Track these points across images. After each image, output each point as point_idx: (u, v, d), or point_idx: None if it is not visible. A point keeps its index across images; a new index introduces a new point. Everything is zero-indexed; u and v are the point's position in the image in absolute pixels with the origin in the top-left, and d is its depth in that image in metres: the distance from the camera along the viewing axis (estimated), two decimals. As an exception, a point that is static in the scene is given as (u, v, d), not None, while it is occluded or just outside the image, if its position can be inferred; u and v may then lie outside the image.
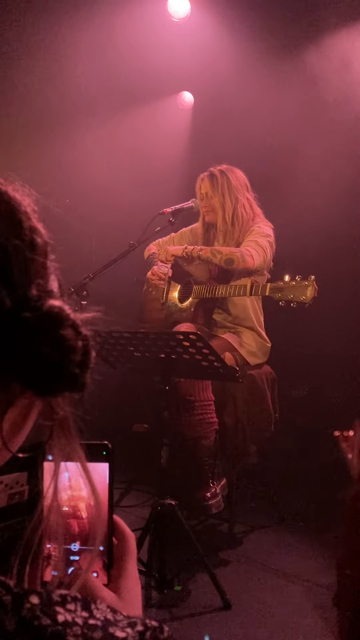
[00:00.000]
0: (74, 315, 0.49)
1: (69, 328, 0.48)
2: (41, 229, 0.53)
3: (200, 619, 2.20)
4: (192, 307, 3.04)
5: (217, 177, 3.02)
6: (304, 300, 2.50)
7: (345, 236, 3.61)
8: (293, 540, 2.89)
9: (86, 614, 0.45)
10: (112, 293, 3.51)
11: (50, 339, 0.47)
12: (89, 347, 0.50)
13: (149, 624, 0.47)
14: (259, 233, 2.96)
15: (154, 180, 4.05)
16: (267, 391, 2.94)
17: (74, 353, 0.48)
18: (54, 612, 0.43)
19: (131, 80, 4.11)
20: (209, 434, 2.71)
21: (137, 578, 0.68)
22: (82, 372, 0.49)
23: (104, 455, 0.68)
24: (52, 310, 0.48)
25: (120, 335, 2.28)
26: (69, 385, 0.49)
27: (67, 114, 4.10)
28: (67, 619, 0.43)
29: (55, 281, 0.53)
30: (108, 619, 0.45)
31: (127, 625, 0.45)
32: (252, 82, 3.96)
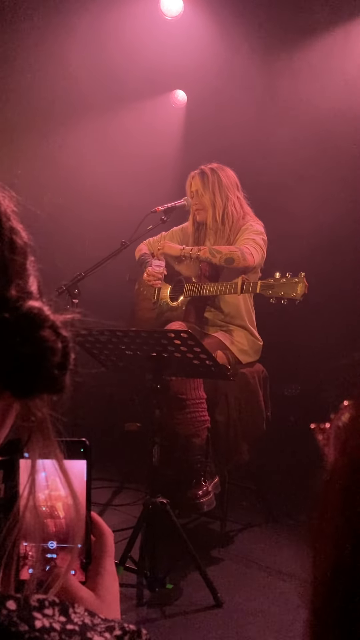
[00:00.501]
0: (54, 316, 0.49)
1: (48, 329, 0.47)
2: (21, 230, 0.52)
3: (192, 617, 2.20)
4: (183, 306, 3.04)
5: (208, 175, 3.02)
6: (295, 296, 2.52)
7: (336, 234, 3.62)
8: (284, 538, 2.89)
9: (64, 618, 0.44)
10: (104, 291, 3.51)
11: (29, 339, 0.47)
12: (69, 349, 0.49)
13: (127, 627, 0.46)
14: (252, 231, 2.96)
15: (147, 179, 4.05)
16: (259, 389, 2.95)
17: (53, 354, 0.48)
18: (31, 618, 0.42)
19: (124, 78, 4.10)
20: (200, 433, 2.71)
21: (115, 575, 0.68)
22: (61, 373, 0.49)
23: (82, 452, 0.68)
24: (32, 311, 0.47)
25: (111, 333, 2.28)
26: (47, 387, 0.49)
27: (59, 113, 4.09)
28: (44, 625, 0.42)
29: (35, 283, 0.52)
30: (86, 623, 0.45)
31: (105, 629, 0.45)
32: (245, 81, 3.97)
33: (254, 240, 2.90)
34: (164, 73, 4.18)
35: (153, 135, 4.34)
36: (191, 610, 2.24)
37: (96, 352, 2.41)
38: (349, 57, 3.76)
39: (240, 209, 3.04)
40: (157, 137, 4.36)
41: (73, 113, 4.13)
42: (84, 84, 4.05)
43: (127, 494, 3.35)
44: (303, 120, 3.80)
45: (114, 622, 0.46)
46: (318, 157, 3.68)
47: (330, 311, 3.60)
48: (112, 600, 0.65)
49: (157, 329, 2.90)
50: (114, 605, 0.65)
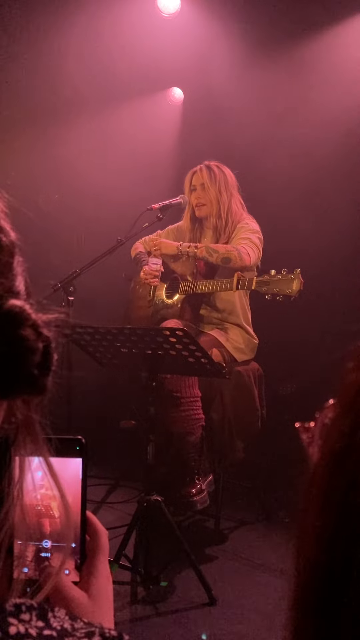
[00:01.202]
0: (36, 315, 0.48)
1: (28, 328, 0.46)
2: (7, 229, 0.51)
3: (186, 614, 2.21)
4: (179, 304, 3.04)
5: (214, 170, 3.01)
6: (290, 293, 2.52)
7: (333, 230, 3.62)
8: (278, 536, 2.90)
9: (42, 623, 0.43)
10: (99, 289, 3.50)
11: (8, 338, 0.46)
12: (50, 349, 0.48)
13: (108, 634, 0.45)
14: (249, 230, 2.95)
15: (143, 176, 4.04)
16: (254, 388, 2.95)
17: (33, 354, 0.46)
18: (6, 624, 0.41)
19: (120, 75, 4.09)
20: (195, 430, 2.71)
21: (109, 576, 0.67)
22: (42, 374, 0.47)
23: (77, 450, 0.67)
24: (13, 310, 0.46)
25: (107, 331, 2.28)
26: (27, 388, 0.48)
27: (56, 109, 4.08)
28: (19, 631, 0.41)
29: (22, 283, 0.52)
30: (65, 628, 0.44)
31: (84, 635, 0.44)
32: (243, 79, 3.96)
33: (250, 240, 2.89)
34: (161, 70, 4.17)
35: (149, 133, 4.33)
36: (185, 607, 2.25)
37: (91, 350, 2.41)
38: (348, 54, 3.76)
39: (240, 209, 3.04)
40: (153, 134, 4.35)
41: (69, 110, 4.11)
42: (80, 81, 4.04)
43: (121, 492, 3.35)
44: (300, 118, 3.80)
45: (95, 628, 0.45)
46: (315, 154, 3.67)
47: (326, 309, 3.60)
48: (105, 601, 0.65)
49: (152, 326, 2.90)
50: (107, 606, 0.65)
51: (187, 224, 3.16)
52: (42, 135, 4.03)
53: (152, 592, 2.32)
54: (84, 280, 2.83)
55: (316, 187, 3.66)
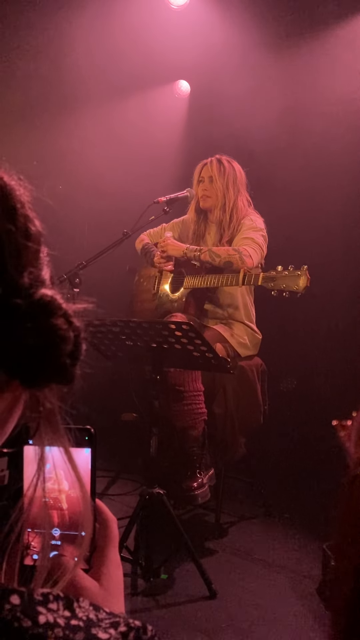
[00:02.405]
0: (67, 305, 0.48)
1: (60, 318, 0.47)
2: (34, 218, 0.52)
3: (186, 607, 2.21)
4: (183, 298, 3.03)
5: (225, 165, 3.00)
6: (297, 289, 2.51)
7: (340, 227, 3.62)
8: (278, 531, 2.91)
9: (68, 613, 0.43)
10: (104, 281, 3.49)
11: (41, 327, 0.46)
12: (81, 339, 0.49)
13: (132, 624, 0.45)
14: (251, 227, 2.94)
15: (149, 169, 4.03)
16: (257, 383, 2.95)
17: (65, 343, 0.47)
18: (35, 613, 0.42)
19: (128, 67, 4.07)
20: (197, 425, 2.71)
21: (119, 564, 0.67)
22: (72, 363, 0.48)
23: (87, 440, 0.68)
24: (44, 299, 0.47)
25: (112, 324, 2.28)
26: (57, 377, 0.48)
27: (62, 101, 4.06)
28: (48, 620, 0.42)
29: (47, 272, 0.52)
30: (90, 618, 0.44)
31: (109, 625, 0.44)
32: (250, 72, 3.94)
33: (253, 240, 2.87)
34: (168, 63, 4.15)
35: (155, 126, 4.31)
36: (185, 600, 2.26)
37: (96, 342, 2.41)
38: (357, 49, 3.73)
39: (246, 206, 3.02)
40: (159, 127, 4.33)
41: (76, 101, 4.10)
42: (87, 72, 4.03)
43: (122, 484, 3.36)
44: (308, 113, 3.78)
45: (119, 618, 0.45)
46: (323, 148, 3.66)
47: (330, 306, 3.60)
48: (116, 589, 0.65)
49: (158, 320, 2.90)
50: (118, 594, 0.65)
51: (192, 215, 3.14)
52: (47, 125, 4.02)
53: (152, 584, 2.33)
54: (88, 272, 2.83)
55: (324, 182, 3.65)
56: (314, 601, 2.27)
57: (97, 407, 4.05)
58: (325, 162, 3.65)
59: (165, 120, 4.43)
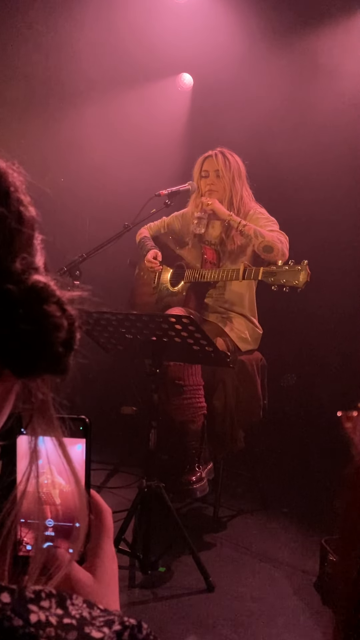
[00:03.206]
0: (60, 292, 0.47)
1: (54, 305, 0.45)
2: (28, 204, 0.50)
3: (183, 600, 2.22)
4: (183, 291, 3.02)
5: (229, 158, 2.96)
6: (297, 284, 2.50)
7: (341, 221, 3.61)
8: (277, 525, 2.91)
9: (61, 611, 0.42)
10: (105, 274, 3.49)
11: (34, 314, 0.44)
12: (75, 327, 0.47)
13: (127, 622, 0.44)
14: (267, 219, 2.88)
15: (151, 162, 4.01)
16: (256, 377, 2.95)
17: (58, 330, 0.45)
18: (26, 612, 0.40)
19: (131, 60, 4.04)
20: (196, 419, 2.71)
21: (114, 556, 0.66)
22: (66, 352, 0.46)
23: (81, 430, 0.66)
24: (37, 285, 0.45)
25: (112, 316, 2.27)
26: (50, 366, 0.46)
27: (65, 93, 4.04)
28: (40, 619, 0.40)
29: (42, 259, 0.50)
30: (84, 616, 0.43)
31: (103, 623, 0.43)
32: (253, 65, 3.92)
33: (281, 233, 2.82)
34: (171, 56, 4.13)
35: (158, 119, 4.29)
36: (183, 593, 2.26)
37: (96, 335, 2.41)
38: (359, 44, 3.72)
39: (249, 199, 3.00)
40: (162, 120, 4.31)
41: (78, 93, 4.08)
42: (89, 65, 4.00)
43: (121, 477, 3.36)
44: (311, 107, 3.76)
45: (113, 616, 0.44)
46: (325, 143, 3.64)
47: (332, 301, 3.59)
48: (110, 581, 0.64)
49: (158, 313, 2.89)
50: (113, 587, 0.64)
51: (194, 209, 3.08)
52: (50, 119, 4.00)
53: (150, 577, 2.33)
54: (89, 265, 2.82)
55: (326, 176, 3.63)
56: (312, 595, 2.28)
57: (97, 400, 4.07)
58: (328, 156, 3.63)
59: (168, 113, 4.40)
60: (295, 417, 3.66)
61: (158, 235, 3.28)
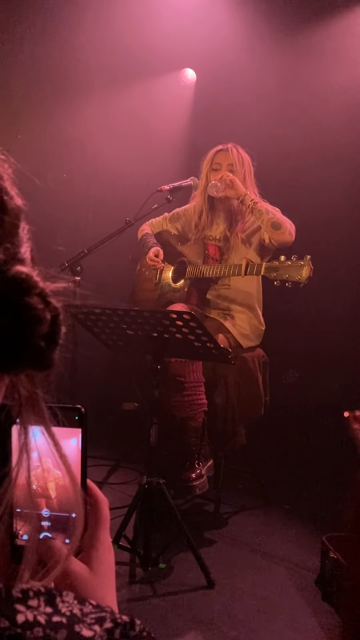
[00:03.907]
0: (44, 284, 0.44)
1: (35, 296, 0.43)
2: (14, 194, 0.48)
3: (184, 596, 2.22)
4: (185, 287, 3.01)
5: (242, 154, 2.94)
6: (299, 280, 2.49)
7: (343, 216, 3.59)
8: (278, 522, 2.91)
9: (50, 609, 0.41)
10: (106, 269, 3.48)
11: (14, 306, 0.42)
12: (59, 321, 0.45)
13: (119, 619, 0.43)
14: (274, 209, 2.88)
15: (153, 157, 4.00)
16: (258, 374, 2.94)
17: (40, 324, 0.43)
18: (13, 612, 0.39)
19: (133, 55, 4.03)
20: (197, 415, 2.71)
21: (110, 546, 0.65)
22: (49, 347, 0.44)
23: (77, 420, 0.65)
24: (19, 276, 0.43)
25: (113, 312, 2.27)
26: (32, 361, 0.44)
27: (67, 88, 4.03)
28: (27, 619, 0.39)
29: (28, 250, 0.49)
30: (74, 614, 0.42)
31: (94, 621, 0.42)
32: (257, 61, 3.90)
33: (288, 222, 2.81)
34: (174, 51, 4.11)
35: (161, 114, 4.28)
36: (183, 590, 2.26)
37: (97, 331, 2.40)
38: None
39: (257, 195, 2.97)
40: (164, 115, 4.30)
41: (81, 89, 4.07)
42: (93, 60, 3.99)
43: (122, 473, 3.36)
44: (316, 101, 3.75)
45: (105, 612, 0.43)
46: (329, 138, 3.62)
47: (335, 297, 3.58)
48: (107, 572, 0.63)
49: (159, 309, 2.88)
50: (109, 578, 0.63)
51: (204, 204, 3.03)
52: (53, 114, 3.99)
53: (150, 573, 2.33)
54: (91, 260, 2.81)
55: (329, 171, 3.62)
56: (312, 592, 2.27)
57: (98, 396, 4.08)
58: (331, 151, 3.62)
59: (171, 108, 4.39)
60: (297, 414, 3.65)
61: (159, 231, 3.27)
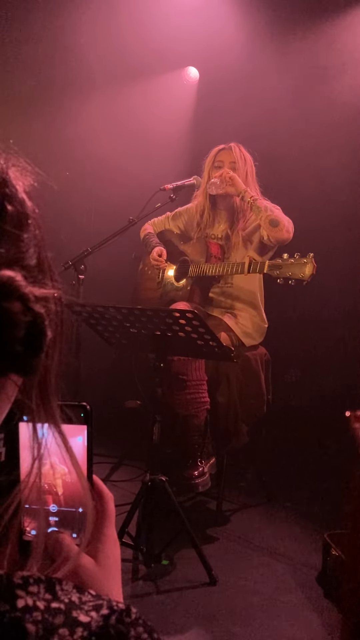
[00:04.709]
0: (29, 288, 0.44)
1: (16, 301, 0.43)
2: (22, 199, 0.48)
3: (186, 593, 2.23)
4: (188, 286, 3.02)
5: (244, 153, 2.95)
6: (303, 277, 2.50)
7: (346, 214, 3.59)
8: (280, 519, 2.92)
9: (49, 596, 0.42)
10: (110, 268, 3.49)
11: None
12: (41, 326, 0.44)
13: (116, 606, 0.44)
14: (275, 207, 2.89)
15: (156, 156, 4.00)
16: (261, 372, 2.95)
17: (14, 328, 0.42)
18: (13, 597, 0.40)
19: (136, 53, 4.02)
20: (199, 414, 2.72)
21: (116, 540, 0.66)
22: (28, 352, 0.44)
23: (82, 417, 0.66)
24: (0, 280, 0.42)
25: (116, 310, 2.28)
26: (11, 366, 0.44)
27: (70, 86, 4.03)
28: (27, 604, 0.40)
29: (33, 257, 0.48)
30: (72, 601, 0.43)
31: (92, 608, 0.43)
32: (259, 59, 3.90)
33: (287, 219, 2.83)
34: (177, 49, 4.11)
35: (163, 112, 4.28)
36: (185, 586, 2.27)
37: (101, 329, 2.41)
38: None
39: (259, 194, 2.98)
40: (167, 114, 4.30)
41: (84, 87, 4.07)
42: (95, 58, 3.99)
43: (125, 470, 3.38)
44: (319, 100, 3.74)
45: (102, 600, 0.44)
46: (331, 136, 3.62)
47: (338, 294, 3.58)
48: (112, 566, 0.64)
49: (162, 307, 2.89)
50: (115, 571, 0.64)
51: (205, 202, 3.04)
52: (55, 111, 4.00)
53: (153, 570, 2.34)
54: (94, 259, 2.82)
55: (332, 169, 3.62)
56: (314, 589, 2.28)
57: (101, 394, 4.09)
58: (334, 149, 3.62)
59: (174, 107, 4.39)
60: (299, 412, 3.66)
61: (161, 230, 3.28)
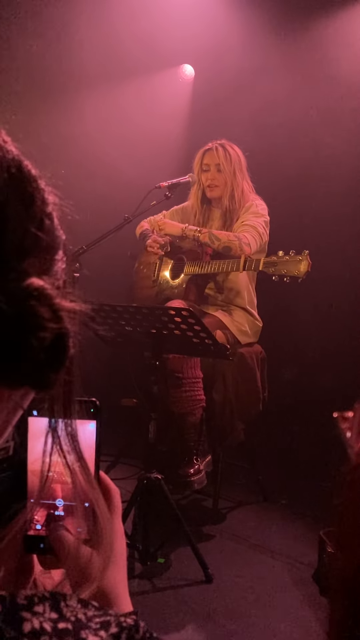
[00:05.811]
0: (60, 300, 0.42)
1: (45, 307, 0.40)
2: (57, 226, 0.48)
3: (182, 591, 2.23)
4: (183, 284, 3.02)
5: (229, 151, 2.95)
6: (298, 274, 2.50)
7: (342, 211, 3.59)
8: (276, 517, 2.92)
9: (55, 615, 0.41)
10: (105, 266, 3.48)
11: (18, 309, 0.39)
12: (66, 340, 0.41)
13: (124, 623, 0.42)
14: (254, 213, 2.91)
15: (152, 154, 3.99)
16: (256, 370, 2.95)
17: (41, 331, 0.40)
18: (19, 620, 0.39)
19: (131, 51, 4.01)
20: (195, 411, 2.72)
21: (122, 534, 0.68)
22: (49, 363, 0.41)
23: (92, 412, 0.67)
24: (31, 285, 0.40)
25: (112, 308, 2.27)
26: (29, 377, 0.41)
27: (65, 84, 4.01)
28: (34, 627, 0.39)
29: (63, 273, 0.47)
30: (79, 619, 0.41)
31: (100, 626, 0.42)
32: (255, 56, 3.90)
33: (254, 228, 2.85)
34: (172, 47, 4.10)
35: (159, 110, 4.27)
36: (181, 584, 2.28)
37: (95, 327, 2.40)
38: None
39: (249, 190, 3.00)
40: (163, 111, 4.29)
41: (78, 85, 4.05)
42: (90, 56, 3.97)
43: (121, 469, 3.37)
44: (316, 95, 3.74)
45: (109, 617, 0.43)
46: (326, 133, 3.63)
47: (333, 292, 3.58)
48: (120, 559, 0.65)
49: (158, 305, 2.89)
50: (121, 564, 0.65)
51: (196, 204, 3.10)
52: (49, 108, 3.98)
53: (149, 568, 2.34)
54: (89, 257, 2.81)
55: (328, 166, 3.62)
56: (310, 587, 2.29)
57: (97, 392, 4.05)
58: (330, 145, 3.62)
59: (169, 104, 4.38)
60: (295, 410, 3.66)
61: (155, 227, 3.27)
